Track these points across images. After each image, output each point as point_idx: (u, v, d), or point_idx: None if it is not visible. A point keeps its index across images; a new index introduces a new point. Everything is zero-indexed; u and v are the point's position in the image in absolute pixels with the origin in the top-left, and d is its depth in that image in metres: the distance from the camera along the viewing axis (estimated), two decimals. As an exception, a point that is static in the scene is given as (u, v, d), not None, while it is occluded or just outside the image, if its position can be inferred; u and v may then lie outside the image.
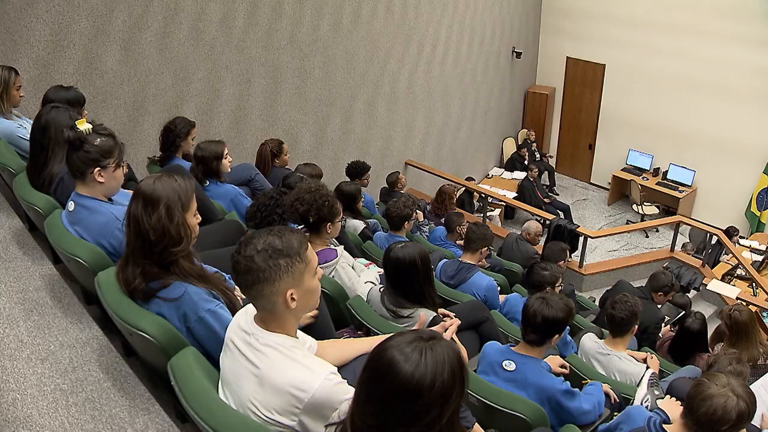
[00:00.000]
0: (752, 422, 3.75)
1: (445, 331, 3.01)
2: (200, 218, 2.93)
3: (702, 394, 2.83)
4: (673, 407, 3.28)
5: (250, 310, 2.36)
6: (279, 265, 2.19)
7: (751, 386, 3.49)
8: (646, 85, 14.22)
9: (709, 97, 13.29)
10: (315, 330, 3.13)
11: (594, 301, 8.33)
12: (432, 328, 3.03)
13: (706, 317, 6.45)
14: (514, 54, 14.63)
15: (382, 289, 4.03)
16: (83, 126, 3.21)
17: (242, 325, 2.34)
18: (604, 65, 14.87)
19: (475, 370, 3.76)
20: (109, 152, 3.26)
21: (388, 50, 10.53)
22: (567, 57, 15.42)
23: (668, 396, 3.84)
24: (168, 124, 5.62)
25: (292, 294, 2.22)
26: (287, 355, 2.23)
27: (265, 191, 4.91)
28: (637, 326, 4.85)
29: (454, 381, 1.81)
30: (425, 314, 3.71)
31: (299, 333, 2.48)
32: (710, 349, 5.97)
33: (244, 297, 2.80)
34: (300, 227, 4.26)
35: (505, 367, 3.62)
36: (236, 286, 2.88)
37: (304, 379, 2.17)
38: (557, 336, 3.65)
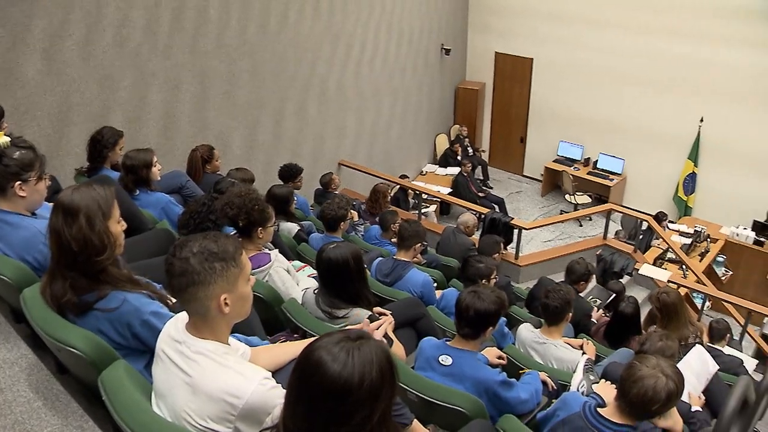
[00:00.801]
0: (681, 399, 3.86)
1: (378, 329, 3.02)
2: (125, 225, 2.89)
3: (633, 377, 2.92)
4: (607, 390, 3.35)
5: (180, 318, 2.34)
6: (214, 268, 2.18)
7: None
8: (574, 78, 14.51)
9: (634, 87, 13.65)
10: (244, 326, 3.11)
11: (531, 292, 8.45)
12: (360, 327, 3.04)
13: (640, 301, 6.59)
14: (443, 51, 14.72)
15: (316, 291, 4.02)
16: (1, 139, 3.14)
17: (173, 334, 2.31)
18: (532, 59, 15.10)
19: (412, 367, 3.78)
20: (29, 165, 3.20)
21: (317, 52, 10.50)
22: (495, 52, 15.61)
23: (603, 380, 3.91)
24: (95, 134, 5.52)
25: (225, 299, 2.21)
26: (219, 362, 2.21)
27: (197, 198, 4.86)
28: (571, 314, 4.93)
29: (383, 380, 1.82)
30: (361, 313, 3.74)
31: (232, 340, 2.46)
32: (644, 332, 6.10)
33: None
34: (233, 233, 4.24)
35: (442, 362, 3.64)
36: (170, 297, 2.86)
37: (237, 386, 2.15)
38: (491, 328, 3.69)
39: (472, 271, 5.39)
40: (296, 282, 4.48)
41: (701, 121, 13.02)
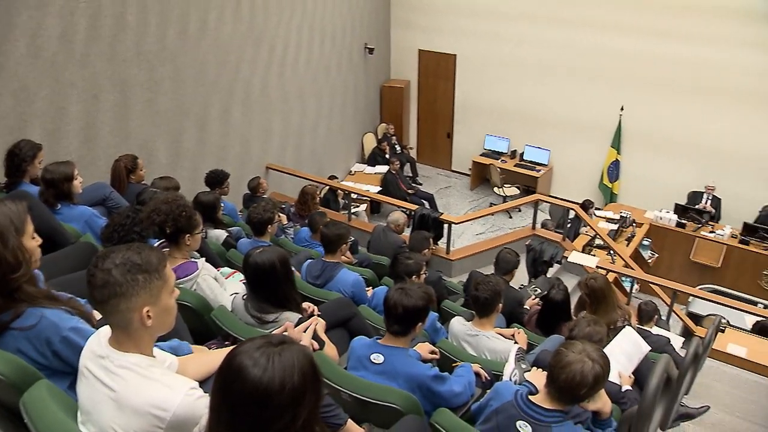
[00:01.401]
0: (611, 380, 3.97)
1: (305, 331, 3.03)
2: (40, 240, 2.84)
3: (561, 363, 2.99)
4: (539, 378, 3.40)
5: (102, 333, 2.31)
6: (137, 279, 2.16)
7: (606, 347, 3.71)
8: (498, 72, 14.77)
9: (557, 79, 14.01)
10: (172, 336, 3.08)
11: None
12: (281, 330, 3.03)
13: (570, 288, 6.70)
14: (367, 50, 14.74)
15: (245, 297, 4.01)
16: None
17: (95, 349, 2.28)
18: (455, 55, 15.30)
19: (345, 367, 3.79)
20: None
21: (239, 55, 10.42)
22: (419, 49, 15.74)
23: (535, 368, 3.98)
24: (12, 147, 5.38)
25: (148, 311, 2.19)
26: (144, 375, 2.19)
27: (120, 210, 4.79)
28: (501, 304, 4.99)
29: (305, 384, 1.83)
30: (291, 317, 3.74)
31: (158, 351, 2.44)
32: (574, 318, 6.20)
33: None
34: (159, 242, 4.20)
35: (374, 361, 3.65)
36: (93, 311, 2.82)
37: (163, 398, 2.14)
38: (421, 324, 3.72)
39: (401, 268, 5.43)
40: (225, 289, 4.46)
41: (622, 109, 13.44)
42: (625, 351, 4.64)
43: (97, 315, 2.86)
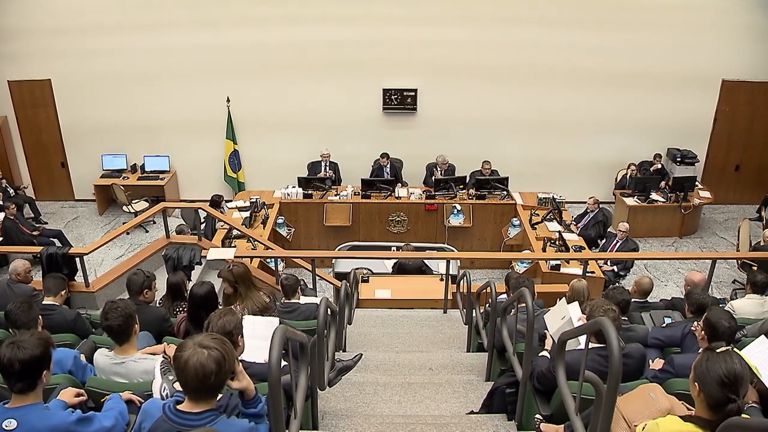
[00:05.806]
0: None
1: None
2: None
3: (180, 366, 2.96)
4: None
5: None
6: None
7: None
8: (99, 89, 14.55)
9: (160, 83, 14.39)
10: None
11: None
12: None
13: (219, 285, 6.79)
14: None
15: None
16: None
17: None
18: (50, 80, 14.71)
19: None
20: None
21: None
22: (8, 81, 14.80)
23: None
24: None
25: None
26: None
27: None
28: (137, 325, 4.91)
29: None
30: None
31: None
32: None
33: None
34: None
35: (6, 428, 3.43)
36: None
37: None
38: (47, 371, 3.55)
39: (23, 318, 5.18)
40: None
41: (228, 101, 14.01)
42: (257, 335, 4.80)
43: None
